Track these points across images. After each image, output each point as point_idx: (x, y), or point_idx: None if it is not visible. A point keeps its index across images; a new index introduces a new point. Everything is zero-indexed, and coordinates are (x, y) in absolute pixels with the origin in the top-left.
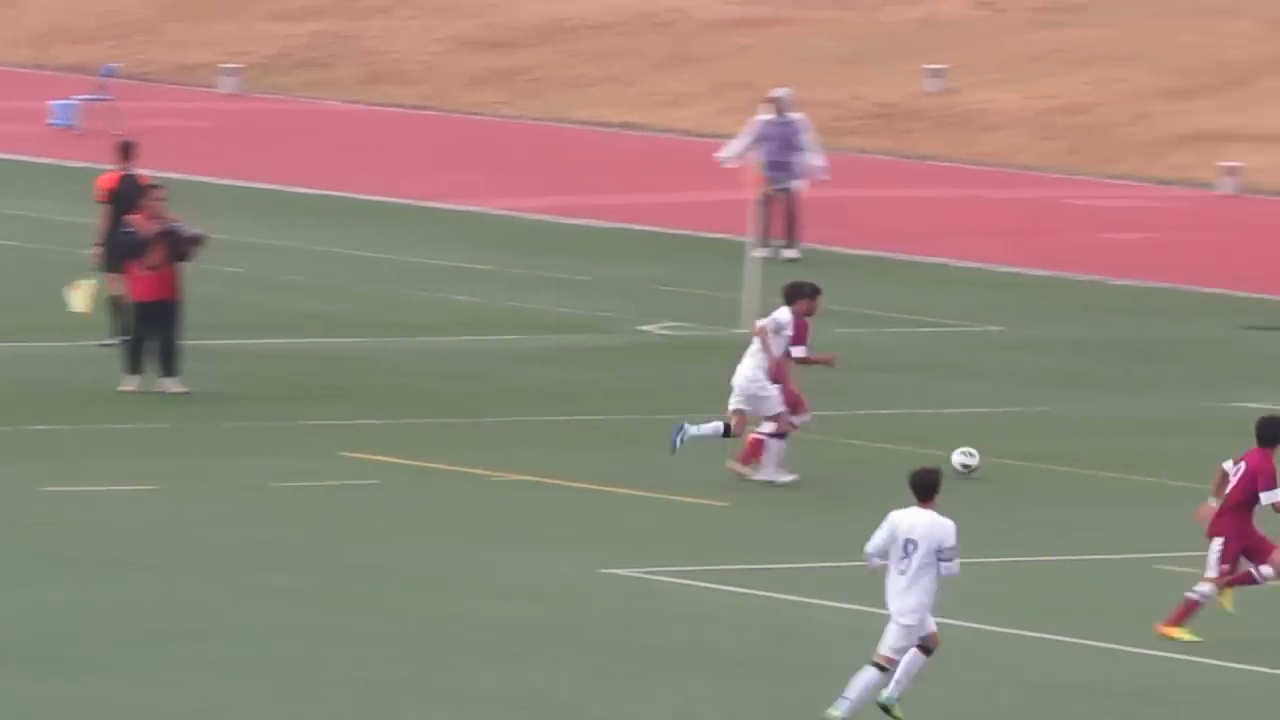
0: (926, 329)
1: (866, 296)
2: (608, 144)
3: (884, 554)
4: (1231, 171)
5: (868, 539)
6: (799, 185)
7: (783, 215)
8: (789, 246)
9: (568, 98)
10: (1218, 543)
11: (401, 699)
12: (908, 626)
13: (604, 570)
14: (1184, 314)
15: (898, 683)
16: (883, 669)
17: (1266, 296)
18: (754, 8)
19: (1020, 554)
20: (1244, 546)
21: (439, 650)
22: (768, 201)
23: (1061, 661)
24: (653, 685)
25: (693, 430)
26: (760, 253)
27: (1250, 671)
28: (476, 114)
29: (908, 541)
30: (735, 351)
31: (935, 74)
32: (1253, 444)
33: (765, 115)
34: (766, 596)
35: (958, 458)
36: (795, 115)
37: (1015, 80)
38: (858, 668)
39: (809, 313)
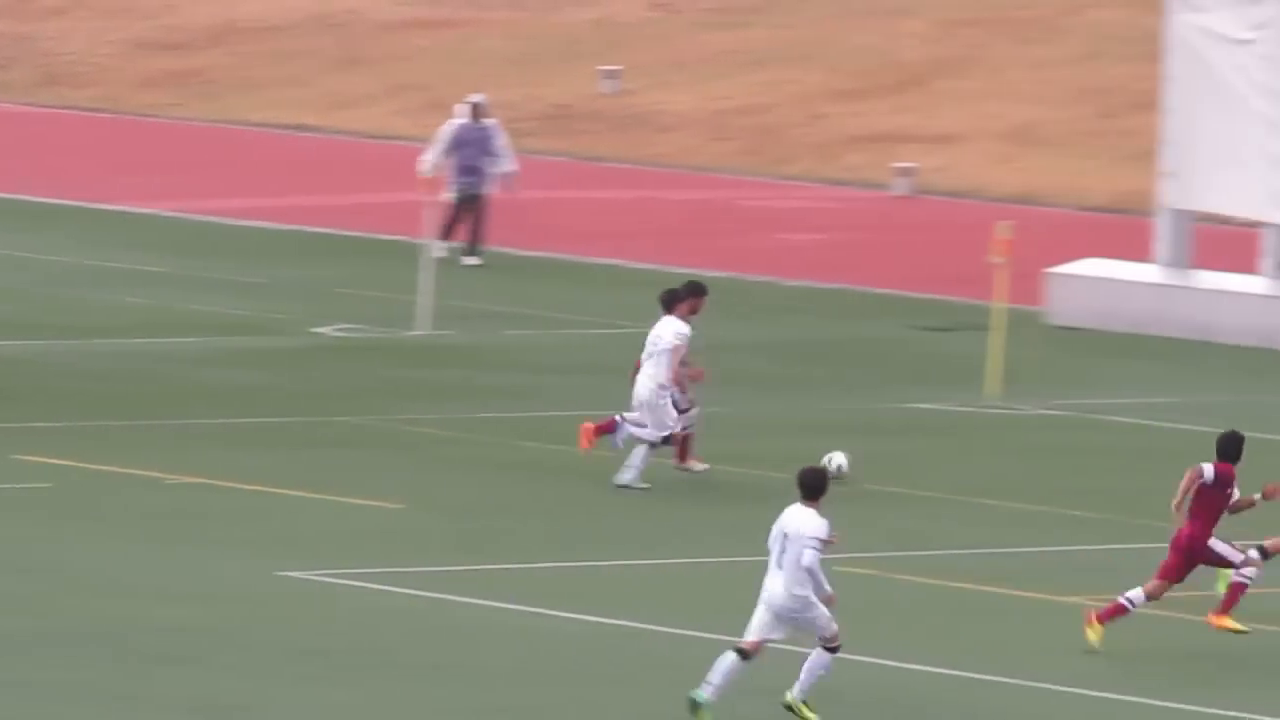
0: (601, 330)
1: (542, 298)
2: (282, 145)
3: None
4: (905, 172)
5: (551, 541)
6: (490, 190)
7: (470, 220)
8: (471, 253)
9: (242, 99)
10: (1215, 542)
11: (70, 702)
12: (770, 610)
13: (278, 573)
14: (858, 314)
15: (803, 682)
16: (744, 655)
17: (939, 297)
18: (428, 9)
19: (695, 555)
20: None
21: (110, 653)
22: (458, 205)
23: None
24: (327, 687)
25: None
26: (439, 253)
27: (919, 671)
28: (150, 116)
29: (782, 533)
30: (411, 353)
31: (610, 75)
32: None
33: (460, 120)
34: (441, 599)
35: (837, 459)
36: (490, 120)
37: (690, 81)
38: (533, 668)
39: (692, 311)
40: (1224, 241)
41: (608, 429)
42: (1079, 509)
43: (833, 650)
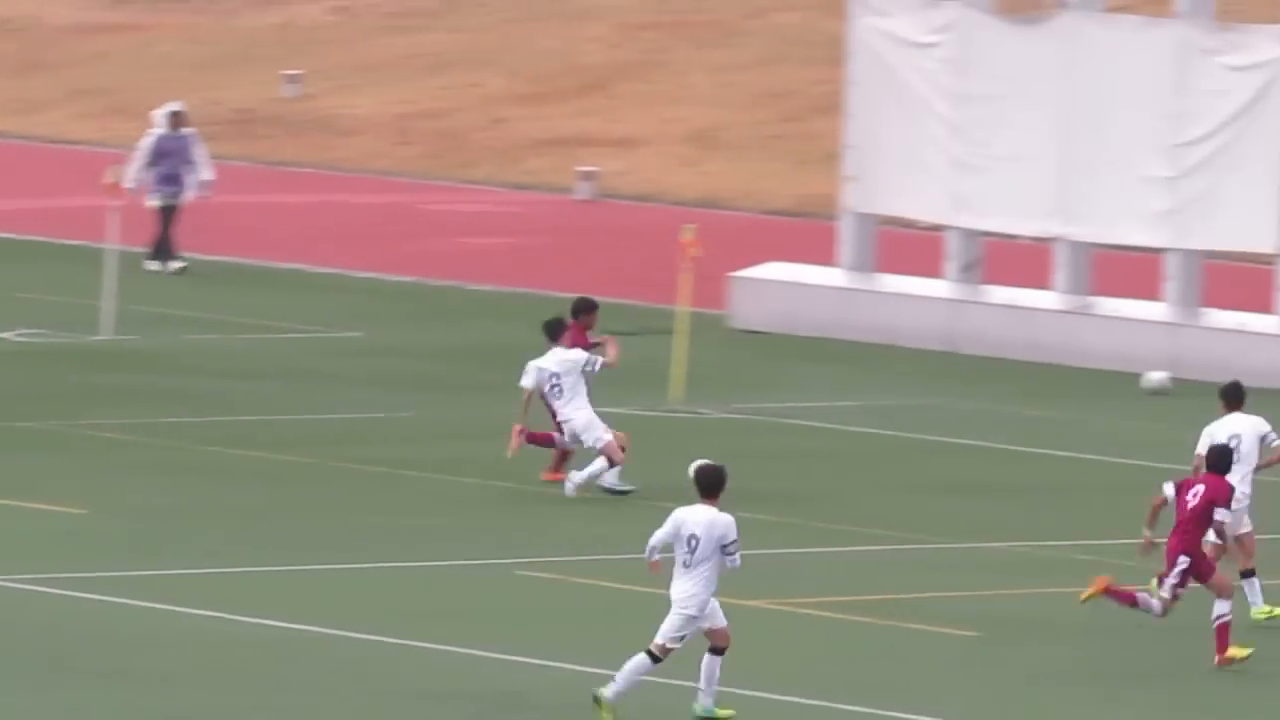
0: (285, 335)
1: (226, 303)
2: None
3: (666, 549)
4: (588, 176)
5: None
6: (188, 199)
7: (164, 228)
8: (155, 258)
9: None
10: (1184, 561)
11: None
12: (687, 615)
13: None
14: (542, 318)
15: (704, 692)
16: (655, 657)
17: (623, 301)
18: (107, 13)
19: (382, 559)
20: (1197, 567)
21: None
22: (163, 215)
23: (421, 666)
24: (9, 693)
25: (579, 478)
26: (172, 264)
27: (602, 675)
28: None
29: (690, 536)
30: (94, 358)
31: (292, 79)
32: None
33: (159, 130)
34: (125, 604)
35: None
36: (188, 129)
37: (372, 85)
38: (217, 673)
39: (589, 328)
40: (907, 245)
41: (540, 440)
42: (762, 512)
43: (720, 651)
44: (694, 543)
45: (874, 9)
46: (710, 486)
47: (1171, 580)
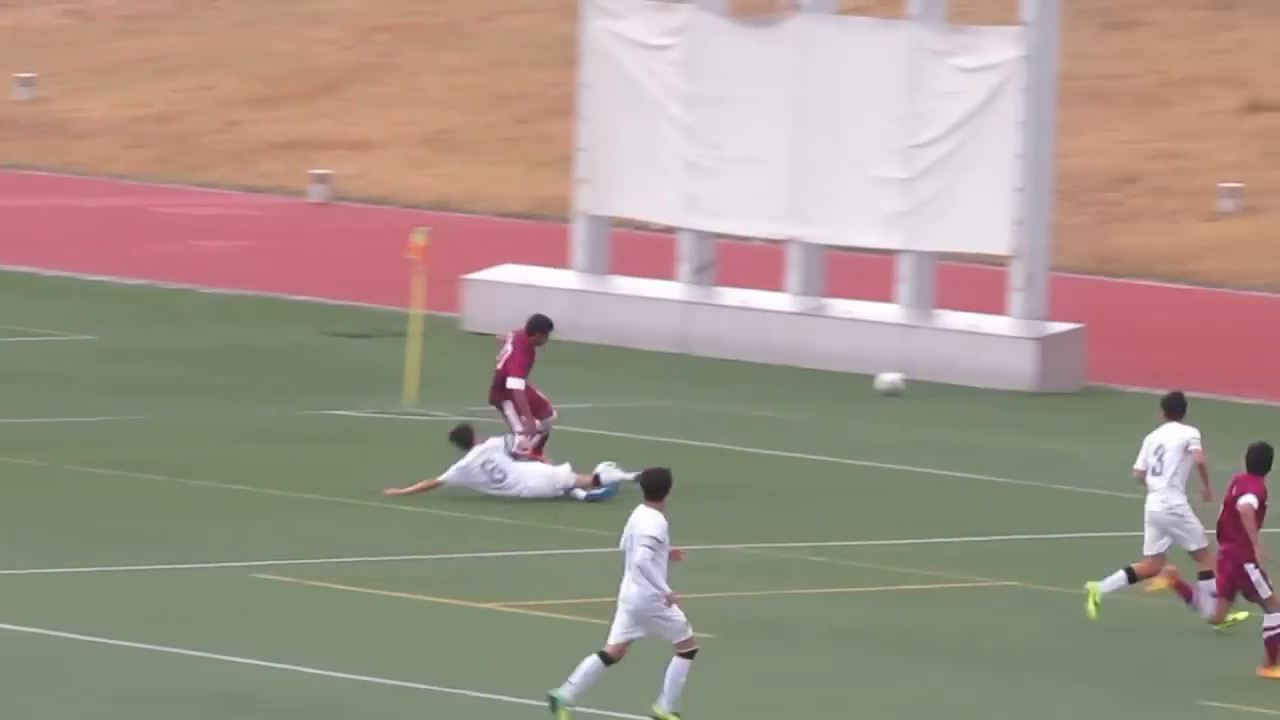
0: (15, 338)
1: None
2: None
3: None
4: (321, 179)
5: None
6: None
7: None
8: None
9: None
10: (1251, 569)
11: None
12: (624, 610)
13: None
14: (275, 321)
15: (668, 694)
16: (607, 659)
17: (357, 304)
18: None
19: (115, 563)
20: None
21: None
22: None
23: (155, 669)
24: None
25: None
26: None
27: (345, 679)
28: None
29: (631, 536)
30: None
31: (25, 82)
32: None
33: None
34: None
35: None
36: None
37: (105, 88)
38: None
39: (538, 345)
40: (641, 247)
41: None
42: (494, 515)
43: (689, 655)
44: (631, 543)
45: (606, 11)
46: (654, 489)
47: (1264, 588)
